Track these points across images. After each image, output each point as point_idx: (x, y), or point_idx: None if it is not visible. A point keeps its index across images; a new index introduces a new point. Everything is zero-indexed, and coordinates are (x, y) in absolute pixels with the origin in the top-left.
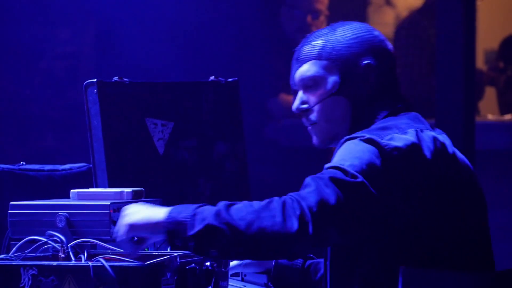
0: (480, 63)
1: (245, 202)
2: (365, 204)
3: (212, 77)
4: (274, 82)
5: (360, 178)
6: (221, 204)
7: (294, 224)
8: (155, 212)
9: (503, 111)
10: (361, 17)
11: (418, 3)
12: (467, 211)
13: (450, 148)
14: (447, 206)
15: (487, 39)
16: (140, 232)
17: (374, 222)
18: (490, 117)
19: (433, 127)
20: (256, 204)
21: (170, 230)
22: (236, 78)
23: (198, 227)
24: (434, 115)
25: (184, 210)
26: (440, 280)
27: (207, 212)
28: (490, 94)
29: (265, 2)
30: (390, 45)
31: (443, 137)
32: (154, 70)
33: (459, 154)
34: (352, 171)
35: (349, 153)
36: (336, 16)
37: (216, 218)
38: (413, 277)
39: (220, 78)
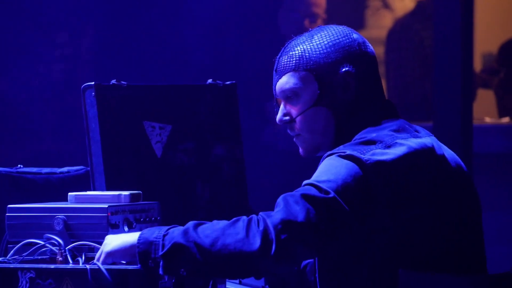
0: (478, 66)
1: (214, 221)
2: (336, 220)
3: (210, 80)
4: (271, 85)
5: (332, 194)
6: (190, 223)
7: (256, 241)
8: (129, 236)
9: (500, 114)
10: (359, 20)
11: (414, 6)
12: (459, 211)
13: (439, 150)
14: (439, 209)
15: (484, 42)
16: (116, 258)
17: (347, 237)
18: (488, 120)
19: (421, 132)
20: (223, 222)
21: (141, 251)
22: (234, 81)
23: (167, 246)
24: (430, 118)
25: (156, 231)
26: (439, 283)
27: (177, 231)
28: (487, 97)
29: (263, 5)
30: (370, 47)
31: (431, 140)
32: (152, 73)
33: (449, 154)
34: (325, 187)
35: (327, 170)
36: (334, 19)
37: (183, 237)
38: (411, 280)
39: (218, 81)
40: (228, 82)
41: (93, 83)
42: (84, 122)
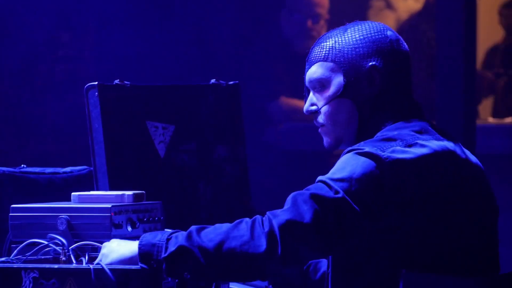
0: (480, 65)
1: (217, 224)
2: (344, 221)
3: (213, 80)
4: (274, 86)
5: (341, 194)
6: (193, 228)
7: (262, 243)
8: (128, 249)
9: (504, 114)
10: (362, 20)
11: (419, 6)
12: (477, 216)
13: (462, 154)
14: (455, 212)
15: (487, 42)
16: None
17: (355, 237)
18: (491, 120)
19: (445, 133)
20: (226, 225)
21: (143, 253)
22: (237, 81)
23: (170, 249)
24: (434, 119)
25: (159, 235)
26: (441, 284)
27: (180, 236)
28: (490, 97)
29: (266, 6)
30: (403, 46)
31: (453, 144)
32: (155, 73)
33: (472, 158)
34: (336, 187)
35: (342, 167)
36: (337, 20)
37: (187, 241)
38: (414, 281)
39: (221, 81)
40: (231, 82)
41: (96, 83)
42: (87, 122)
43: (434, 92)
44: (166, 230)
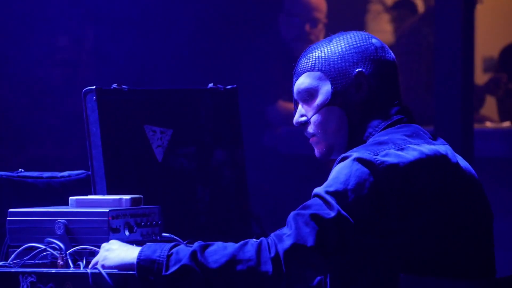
0: (478, 70)
1: (220, 243)
2: (344, 238)
3: (211, 84)
4: (272, 90)
5: (338, 211)
6: (196, 246)
7: (269, 269)
8: (128, 255)
9: (501, 118)
10: (360, 24)
11: (422, 10)
12: (471, 220)
13: (453, 158)
14: (449, 216)
15: (485, 46)
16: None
17: (354, 248)
18: (489, 124)
19: (435, 138)
20: (231, 246)
21: (142, 269)
22: (235, 85)
23: (173, 268)
24: (433, 122)
25: (158, 250)
26: (438, 287)
27: (182, 253)
28: (488, 101)
29: (264, 10)
30: (389, 54)
31: (445, 148)
32: (153, 77)
33: (463, 163)
34: (333, 202)
35: (337, 177)
36: (335, 24)
37: (191, 260)
38: (411, 284)
39: (219, 85)
40: (229, 86)
41: (94, 87)
42: (85, 127)
43: (433, 96)
44: (163, 234)
